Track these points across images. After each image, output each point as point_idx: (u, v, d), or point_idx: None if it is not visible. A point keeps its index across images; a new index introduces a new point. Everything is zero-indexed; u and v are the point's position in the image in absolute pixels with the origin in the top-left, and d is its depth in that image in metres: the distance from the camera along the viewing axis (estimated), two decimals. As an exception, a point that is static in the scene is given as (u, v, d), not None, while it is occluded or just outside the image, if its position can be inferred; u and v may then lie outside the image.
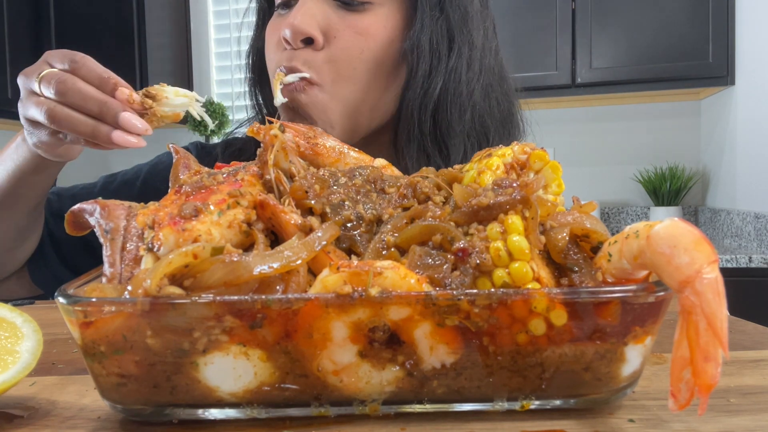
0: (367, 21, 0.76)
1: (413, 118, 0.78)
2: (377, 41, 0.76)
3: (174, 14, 3.35)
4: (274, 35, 0.79)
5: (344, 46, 0.75)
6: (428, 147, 0.79)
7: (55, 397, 0.54)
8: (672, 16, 2.58)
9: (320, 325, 0.42)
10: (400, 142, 0.81)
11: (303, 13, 0.74)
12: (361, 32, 0.76)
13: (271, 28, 0.81)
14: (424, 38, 0.76)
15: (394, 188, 0.56)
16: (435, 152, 0.80)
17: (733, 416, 0.45)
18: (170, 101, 0.62)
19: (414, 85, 0.77)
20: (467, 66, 0.80)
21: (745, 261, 2.18)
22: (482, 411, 0.47)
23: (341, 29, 0.75)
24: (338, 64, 0.76)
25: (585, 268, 0.47)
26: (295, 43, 0.75)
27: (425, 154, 0.80)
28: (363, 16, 0.76)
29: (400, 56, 0.77)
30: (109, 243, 0.51)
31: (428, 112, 0.78)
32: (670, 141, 2.99)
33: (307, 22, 0.74)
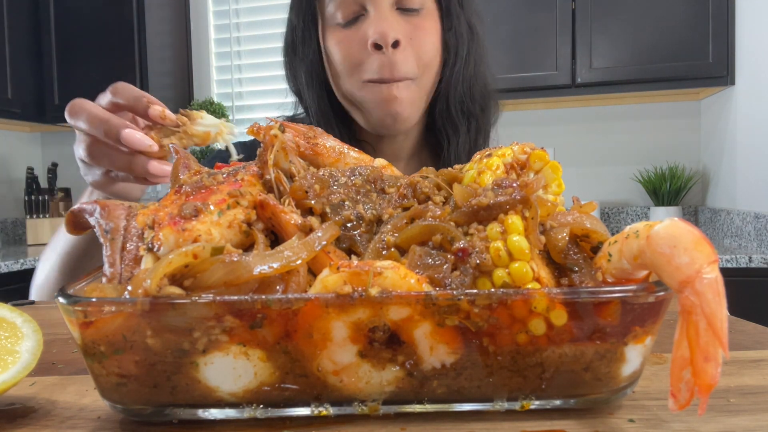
0: (425, 22, 0.95)
1: (457, 90, 0.98)
2: (434, 35, 0.95)
3: (174, 14, 3.35)
4: (351, 46, 0.93)
5: (418, 43, 0.93)
6: (473, 113, 1.00)
7: (55, 397, 0.54)
8: (672, 16, 2.58)
9: (320, 325, 0.42)
10: (447, 116, 1.00)
11: (385, 21, 0.90)
12: (425, 30, 0.94)
13: (342, 39, 0.94)
14: (459, 30, 0.97)
15: (394, 188, 0.56)
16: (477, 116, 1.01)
17: (733, 416, 0.45)
18: (203, 122, 0.65)
19: (458, 66, 0.98)
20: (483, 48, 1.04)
21: (745, 261, 2.18)
22: (482, 411, 0.47)
23: (411, 30, 0.93)
24: (421, 58, 0.93)
25: (585, 268, 0.47)
26: (387, 47, 0.89)
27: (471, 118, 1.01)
28: (420, 18, 0.94)
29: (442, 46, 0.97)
30: (109, 243, 0.51)
31: (471, 84, 1.00)
32: (670, 141, 2.99)
33: (393, 28, 0.90)
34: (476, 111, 1.02)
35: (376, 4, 0.91)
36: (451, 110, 1.00)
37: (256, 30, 3.37)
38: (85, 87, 3.08)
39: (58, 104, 3.16)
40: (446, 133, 1.01)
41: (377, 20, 0.90)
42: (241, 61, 3.42)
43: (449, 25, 0.97)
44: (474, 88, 1.02)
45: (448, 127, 1.01)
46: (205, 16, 3.45)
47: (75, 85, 3.14)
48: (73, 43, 3.13)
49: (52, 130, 3.57)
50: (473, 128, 1.02)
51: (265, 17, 3.34)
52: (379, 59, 0.91)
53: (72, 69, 3.14)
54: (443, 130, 1.02)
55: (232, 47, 3.43)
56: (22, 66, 3.06)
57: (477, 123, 1.02)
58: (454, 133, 1.01)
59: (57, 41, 3.14)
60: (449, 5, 0.97)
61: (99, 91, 0.72)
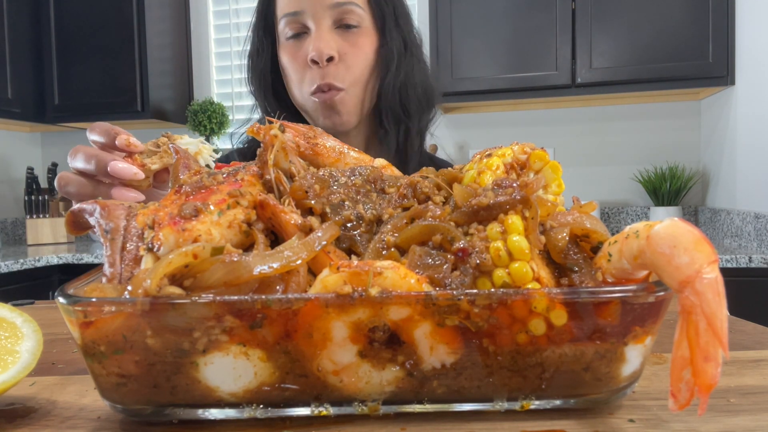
0: (360, 39, 1.08)
1: (394, 97, 1.13)
2: (368, 52, 1.10)
3: (174, 14, 3.35)
4: (296, 60, 1.08)
5: (352, 58, 1.07)
6: (401, 117, 1.15)
7: (55, 397, 0.54)
8: (672, 16, 2.57)
9: (320, 325, 0.42)
10: (384, 117, 1.15)
11: (323, 40, 1.04)
12: (359, 46, 1.08)
13: (291, 54, 1.09)
14: (391, 46, 1.11)
15: (394, 188, 0.56)
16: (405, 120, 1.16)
17: (733, 416, 0.45)
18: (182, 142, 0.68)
19: (389, 77, 1.12)
20: (416, 61, 1.17)
21: (745, 261, 2.18)
22: (482, 411, 0.47)
23: (346, 47, 1.06)
24: (352, 72, 1.07)
25: (585, 268, 0.47)
26: (322, 63, 1.04)
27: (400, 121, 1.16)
28: (356, 35, 1.08)
29: (377, 60, 1.12)
30: (109, 243, 0.51)
31: (400, 92, 1.14)
32: (670, 141, 2.99)
33: (329, 46, 1.04)
34: (402, 116, 1.16)
35: (317, 24, 1.05)
36: (384, 114, 1.15)
37: (256, 30, 3.37)
38: (85, 87, 3.11)
39: (58, 104, 3.16)
40: (390, 123, 1.17)
41: (316, 39, 1.04)
42: (241, 61, 3.41)
43: (383, 41, 1.12)
44: (404, 96, 1.15)
45: (391, 120, 1.17)
46: (205, 16, 3.45)
47: (75, 85, 3.14)
48: (73, 43, 3.13)
49: (52, 130, 3.57)
50: (402, 130, 1.16)
51: (265, 17, 3.34)
52: (315, 72, 1.05)
53: (72, 69, 3.13)
54: (388, 122, 1.17)
55: (232, 47, 3.42)
56: (22, 66, 3.06)
57: (406, 126, 1.17)
58: (385, 133, 1.16)
59: (57, 41, 3.13)
60: (384, 24, 1.11)
61: (99, 91, 0.74)
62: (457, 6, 2.75)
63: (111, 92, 3.09)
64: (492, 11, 2.73)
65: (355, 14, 1.07)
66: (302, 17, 1.06)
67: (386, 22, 1.11)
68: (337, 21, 1.06)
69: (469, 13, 2.75)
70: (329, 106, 1.07)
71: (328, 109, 1.08)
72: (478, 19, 2.74)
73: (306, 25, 1.06)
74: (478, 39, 2.75)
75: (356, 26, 1.07)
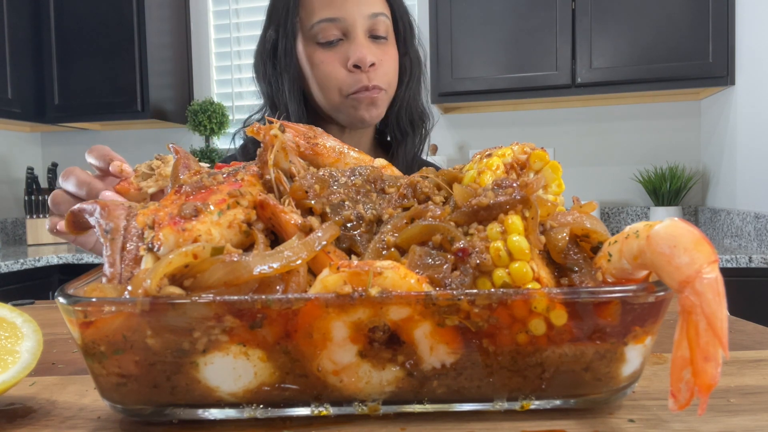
0: (389, 48, 1.17)
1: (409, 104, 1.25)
2: (395, 59, 1.19)
3: (174, 14, 3.35)
4: (333, 65, 1.13)
5: (386, 65, 1.16)
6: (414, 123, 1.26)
7: (55, 397, 0.54)
8: (672, 16, 2.57)
9: (320, 325, 0.42)
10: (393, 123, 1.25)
11: (365, 47, 1.11)
12: (390, 55, 1.17)
13: (325, 59, 1.14)
14: (411, 55, 1.22)
15: (394, 188, 0.56)
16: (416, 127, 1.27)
17: (733, 416, 0.45)
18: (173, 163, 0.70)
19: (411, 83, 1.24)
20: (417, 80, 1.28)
21: (745, 261, 2.18)
22: (482, 411, 0.47)
23: (380, 55, 1.15)
24: (388, 76, 1.17)
25: (585, 268, 0.47)
26: (365, 68, 1.12)
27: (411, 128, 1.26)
28: (386, 45, 1.16)
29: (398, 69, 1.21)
30: (109, 243, 0.51)
31: (415, 100, 1.26)
32: (670, 141, 2.99)
33: (371, 53, 1.12)
34: (419, 122, 1.27)
35: (355, 32, 1.12)
36: (402, 120, 1.25)
37: (256, 30, 3.37)
38: (85, 87, 3.10)
39: (58, 104, 3.16)
40: (396, 136, 1.27)
41: (357, 47, 1.11)
42: (241, 61, 3.41)
43: (404, 51, 1.22)
44: (419, 103, 1.27)
45: (397, 132, 1.27)
46: (205, 16, 3.45)
47: (75, 85, 3.14)
48: (73, 43, 3.13)
49: (52, 130, 3.57)
50: (418, 135, 1.28)
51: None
52: (359, 76, 1.12)
53: (72, 69, 3.13)
54: (395, 134, 1.28)
55: (232, 47, 3.42)
56: (22, 66, 3.06)
57: (423, 131, 1.29)
58: (403, 137, 1.26)
59: (57, 41, 3.13)
60: (405, 34, 1.22)
61: (99, 91, 0.75)
62: (457, 6, 2.75)
63: (111, 92, 3.09)
64: (492, 11, 2.73)
65: (385, 25, 1.15)
66: (340, 23, 1.11)
67: (406, 33, 1.22)
68: (370, 30, 1.13)
69: (469, 13, 2.75)
70: (371, 102, 1.14)
71: (370, 104, 1.15)
72: (478, 19, 2.74)
73: (343, 32, 1.12)
74: (478, 39, 2.75)
75: (385, 36, 1.15)
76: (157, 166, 0.72)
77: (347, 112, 1.15)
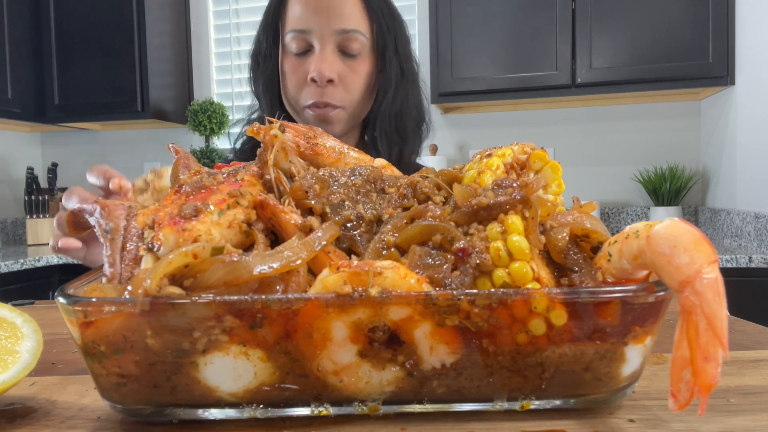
0: (359, 65, 1.14)
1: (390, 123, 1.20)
2: (364, 78, 1.16)
3: (174, 14, 3.35)
4: (297, 74, 1.13)
5: (350, 82, 1.13)
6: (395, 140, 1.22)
7: (55, 397, 0.54)
8: (672, 16, 2.57)
9: (320, 325, 0.42)
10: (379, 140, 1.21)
11: (325, 62, 1.10)
12: (358, 72, 1.14)
13: (292, 67, 1.14)
14: (389, 73, 1.17)
15: (394, 188, 0.56)
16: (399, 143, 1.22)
17: (733, 416, 0.45)
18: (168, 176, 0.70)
19: (386, 104, 1.19)
20: (412, 86, 1.24)
21: (745, 261, 2.18)
22: (482, 411, 0.47)
23: (346, 72, 1.12)
24: (351, 95, 1.14)
25: (585, 268, 0.47)
26: (322, 84, 1.10)
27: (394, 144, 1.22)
28: (356, 62, 1.13)
29: (374, 83, 1.19)
30: (109, 243, 0.51)
31: (396, 119, 1.21)
32: (670, 141, 2.99)
33: (330, 69, 1.10)
34: (396, 139, 1.22)
35: (322, 46, 1.11)
36: (376, 136, 1.22)
37: (256, 30, 3.37)
38: (85, 87, 3.10)
39: (58, 104, 3.16)
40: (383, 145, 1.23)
41: (319, 60, 1.10)
42: (241, 61, 3.41)
43: (381, 67, 1.17)
44: (399, 122, 1.21)
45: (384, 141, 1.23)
46: (205, 16, 3.45)
47: (75, 85, 3.14)
48: (73, 43, 3.13)
49: (52, 130, 3.57)
50: (395, 152, 1.22)
51: (265, 17, 3.34)
52: (314, 90, 1.12)
53: (72, 69, 3.13)
54: (371, 145, 1.25)
55: (232, 47, 3.42)
56: (22, 66, 3.06)
57: (399, 149, 1.23)
58: (391, 145, 1.22)
59: (57, 41, 3.13)
60: (384, 52, 1.17)
61: (99, 91, 0.75)
62: (457, 6, 2.75)
63: (111, 92, 3.09)
64: (492, 11, 2.73)
65: (358, 42, 1.12)
66: (309, 36, 1.11)
67: (387, 50, 1.17)
68: (340, 46, 1.12)
69: (469, 13, 2.75)
70: (324, 119, 1.14)
71: (322, 121, 1.14)
72: (478, 19, 2.74)
73: (311, 44, 1.12)
74: (478, 39, 2.75)
75: (354, 55, 1.13)
76: (151, 180, 0.72)
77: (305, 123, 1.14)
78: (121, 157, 3.56)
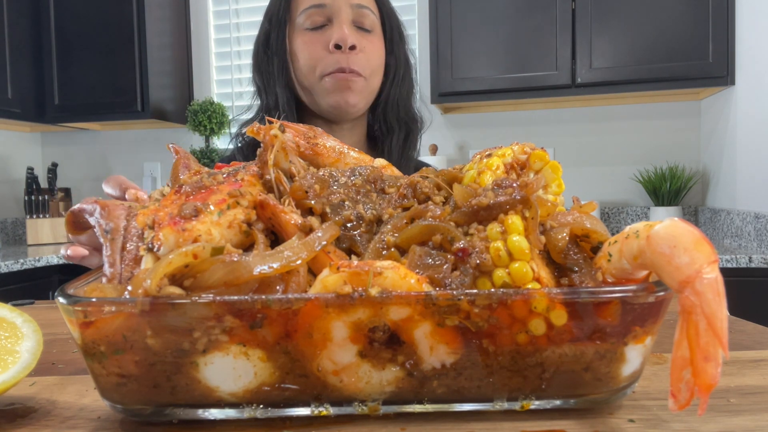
0: (374, 39, 1.21)
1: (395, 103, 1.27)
2: (380, 51, 1.23)
3: (174, 14, 3.35)
4: (314, 46, 1.17)
5: (369, 52, 1.19)
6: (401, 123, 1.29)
7: (55, 397, 0.54)
8: (672, 16, 2.57)
9: (320, 325, 0.42)
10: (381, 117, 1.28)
11: (346, 30, 1.15)
12: (374, 45, 1.21)
13: (309, 40, 1.18)
14: (398, 55, 1.26)
15: (394, 188, 0.56)
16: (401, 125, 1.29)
17: (733, 416, 0.45)
18: None
19: (395, 84, 1.26)
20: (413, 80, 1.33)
21: (745, 261, 2.18)
22: (482, 411, 0.47)
23: (364, 42, 1.18)
24: (370, 63, 1.19)
25: (585, 268, 0.47)
26: (345, 48, 1.15)
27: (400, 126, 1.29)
28: (371, 36, 1.20)
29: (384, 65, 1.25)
30: (109, 243, 0.51)
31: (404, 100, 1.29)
32: (670, 141, 2.99)
33: (351, 35, 1.15)
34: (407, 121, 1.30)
35: (339, 19, 1.17)
36: (388, 116, 1.28)
37: (256, 30, 3.36)
38: (85, 87, 3.11)
39: (58, 104, 3.15)
40: (383, 130, 1.30)
41: (339, 29, 1.15)
42: (241, 61, 3.41)
43: (390, 49, 1.25)
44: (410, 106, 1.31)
45: (384, 127, 1.29)
46: (205, 16, 3.45)
47: (75, 85, 3.13)
48: (73, 43, 3.13)
49: (52, 130, 3.57)
50: (403, 133, 1.29)
51: (265, 17, 3.34)
52: (338, 56, 1.15)
53: (72, 69, 3.13)
54: (381, 128, 1.30)
55: (232, 47, 3.42)
56: (22, 66, 3.05)
57: (412, 132, 1.31)
58: (389, 133, 1.29)
59: (57, 41, 3.13)
60: (392, 34, 1.25)
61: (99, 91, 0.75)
62: (457, 6, 2.75)
63: (111, 92, 3.09)
64: (492, 11, 2.73)
65: (370, 19, 1.19)
66: (327, 10, 1.17)
67: (393, 34, 1.26)
68: (356, 21, 1.18)
69: (469, 13, 2.75)
70: (346, 85, 1.16)
71: (343, 88, 1.17)
72: (478, 19, 2.74)
73: (328, 18, 1.17)
74: (478, 39, 2.75)
75: (370, 30, 1.20)
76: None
77: (324, 95, 1.17)
78: (121, 157, 3.56)
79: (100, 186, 1.12)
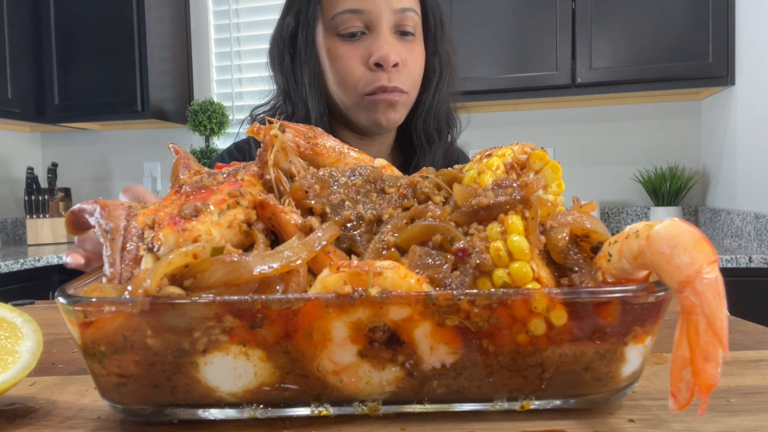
0: (416, 46, 1.09)
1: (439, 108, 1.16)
2: (421, 59, 1.11)
3: (174, 14, 3.35)
4: (353, 58, 1.05)
5: (411, 65, 1.08)
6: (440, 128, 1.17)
7: (55, 397, 0.54)
8: (672, 16, 2.57)
9: (320, 325, 0.42)
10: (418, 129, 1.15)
11: (388, 45, 1.03)
12: (416, 54, 1.09)
13: (345, 51, 1.05)
14: (442, 54, 1.14)
15: (394, 188, 0.56)
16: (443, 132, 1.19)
17: (733, 416, 0.45)
18: None
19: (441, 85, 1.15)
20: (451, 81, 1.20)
21: (745, 261, 2.18)
22: (482, 411, 0.47)
23: (406, 53, 1.06)
24: (412, 77, 1.09)
25: (585, 268, 0.47)
26: (387, 68, 1.03)
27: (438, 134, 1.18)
28: (412, 43, 1.08)
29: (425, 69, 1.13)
30: (109, 243, 0.51)
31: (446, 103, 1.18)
32: (670, 141, 2.99)
33: (394, 52, 1.03)
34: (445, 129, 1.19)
35: (379, 27, 1.03)
36: (429, 126, 1.16)
37: (256, 30, 3.37)
38: (85, 87, 3.11)
39: (58, 104, 3.15)
40: (423, 144, 1.17)
41: (380, 43, 1.02)
42: (241, 61, 3.41)
43: (434, 49, 1.13)
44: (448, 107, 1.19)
45: (423, 139, 1.16)
46: (205, 16, 3.45)
47: (75, 85, 3.13)
48: (73, 43, 3.12)
49: (52, 130, 3.57)
50: (444, 141, 1.18)
51: (265, 17, 3.34)
52: (378, 76, 1.03)
53: (72, 69, 3.13)
54: (420, 141, 1.17)
55: (232, 47, 3.42)
56: (22, 66, 3.05)
57: (451, 136, 1.20)
58: (430, 145, 1.16)
59: (57, 41, 3.13)
60: (435, 30, 1.12)
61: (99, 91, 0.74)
62: (457, 6, 2.75)
63: (111, 92, 3.09)
64: (492, 11, 2.73)
65: (414, 21, 1.06)
66: (366, 16, 1.03)
67: (437, 31, 1.13)
68: (396, 26, 1.05)
69: (469, 13, 2.75)
70: (390, 105, 1.06)
71: (387, 107, 1.06)
72: (478, 19, 2.74)
73: (367, 26, 1.04)
74: (478, 39, 2.75)
75: (412, 32, 1.07)
76: None
77: (364, 113, 1.07)
78: (121, 157, 3.56)
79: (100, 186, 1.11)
